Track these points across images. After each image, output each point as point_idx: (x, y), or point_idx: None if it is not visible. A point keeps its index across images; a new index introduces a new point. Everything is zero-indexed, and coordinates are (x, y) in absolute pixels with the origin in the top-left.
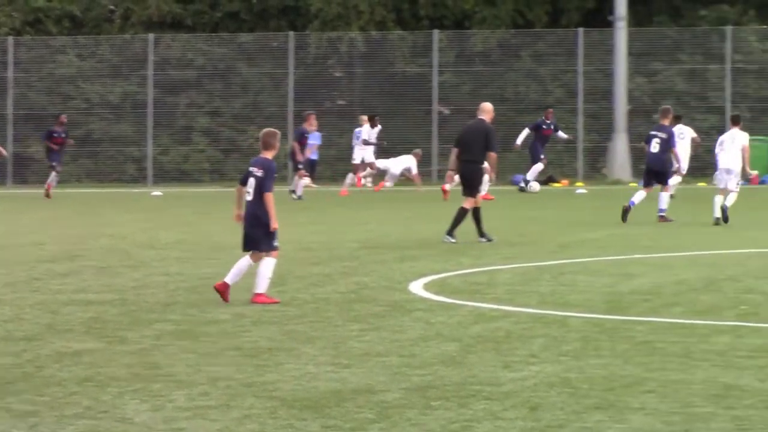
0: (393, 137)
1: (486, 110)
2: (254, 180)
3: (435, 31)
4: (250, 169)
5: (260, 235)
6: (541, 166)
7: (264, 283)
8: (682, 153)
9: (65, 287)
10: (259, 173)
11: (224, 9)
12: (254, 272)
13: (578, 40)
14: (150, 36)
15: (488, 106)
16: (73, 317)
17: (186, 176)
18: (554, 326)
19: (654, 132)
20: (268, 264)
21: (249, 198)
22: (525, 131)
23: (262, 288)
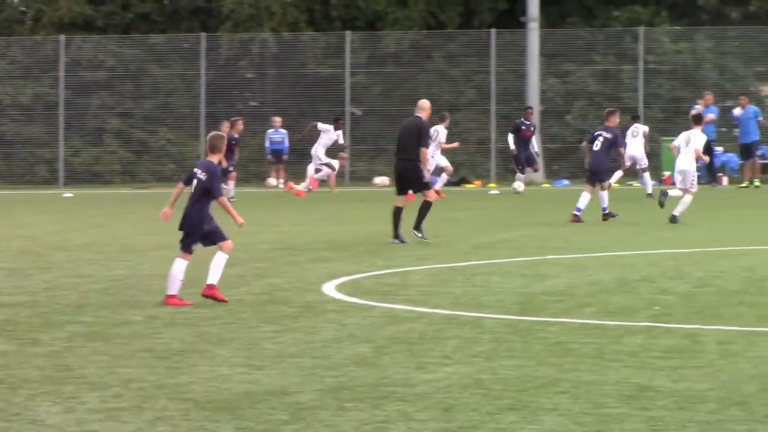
0: (306, 138)
1: (422, 107)
2: (197, 181)
3: (347, 32)
4: (195, 171)
5: (207, 232)
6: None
7: (218, 275)
8: (638, 150)
9: None
10: (203, 176)
11: (136, 10)
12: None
13: (491, 41)
14: (61, 37)
15: (425, 104)
16: None
17: (97, 178)
18: (467, 327)
19: (599, 132)
20: (222, 257)
21: (190, 199)
22: (510, 136)
23: (215, 279)
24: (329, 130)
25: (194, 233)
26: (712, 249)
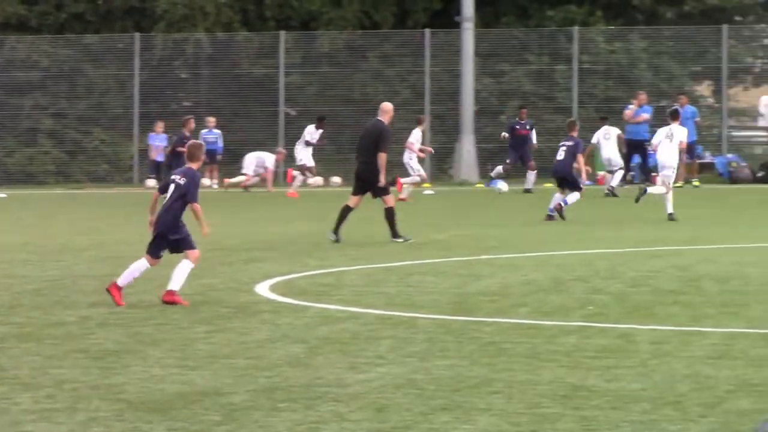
0: (239, 139)
1: (384, 110)
2: (174, 186)
3: (281, 33)
4: (172, 177)
5: (176, 239)
6: (501, 169)
7: (180, 282)
8: (612, 152)
9: None
10: (182, 181)
11: (69, 10)
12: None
13: (425, 41)
14: None
15: (387, 106)
16: None
17: (31, 178)
18: (401, 327)
19: (562, 142)
20: (187, 265)
21: (164, 203)
22: (505, 134)
23: (177, 286)
24: (311, 132)
25: (166, 235)
26: (647, 249)
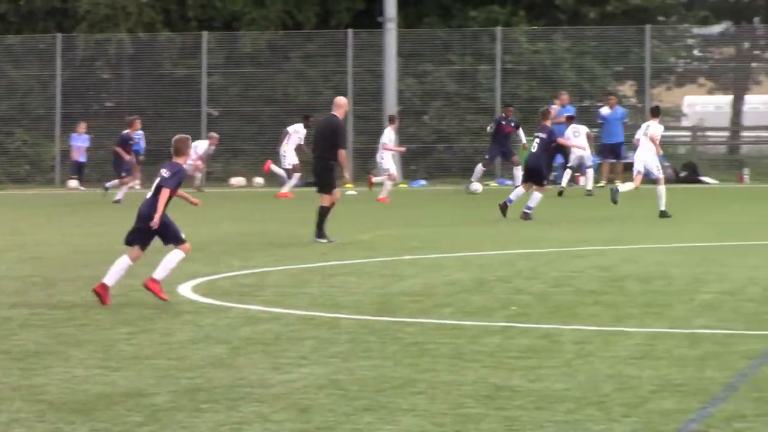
0: (162, 139)
1: (338, 105)
2: (159, 180)
3: (204, 33)
4: (161, 172)
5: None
6: (482, 169)
7: (164, 273)
8: (584, 150)
9: None
10: (166, 173)
11: None
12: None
13: (348, 42)
14: None
15: (341, 101)
16: None
17: None
18: (324, 328)
19: (536, 133)
20: (177, 255)
21: (148, 196)
22: (492, 126)
23: (161, 276)
24: (298, 131)
25: (148, 228)
26: (569, 249)
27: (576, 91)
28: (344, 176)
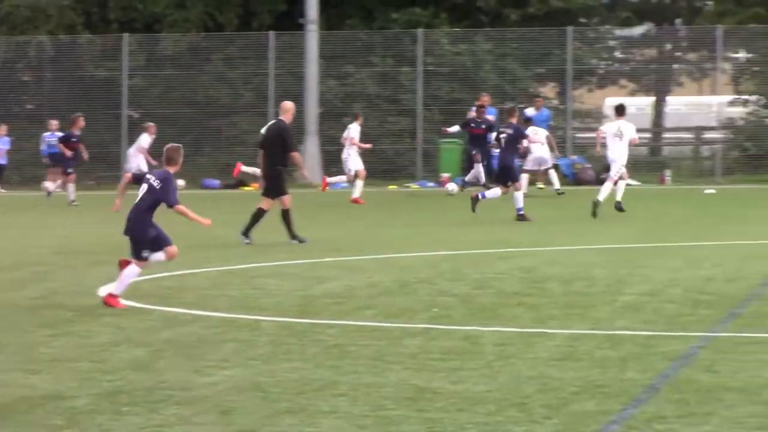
0: (82, 141)
1: (285, 109)
2: (148, 187)
3: (125, 35)
4: (148, 176)
5: (150, 239)
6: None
7: (123, 287)
8: (543, 151)
9: None
10: (156, 183)
11: None
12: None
13: (269, 43)
14: None
15: (287, 105)
16: None
17: None
18: (245, 330)
19: (502, 129)
20: (134, 270)
21: (136, 202)
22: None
23: (119, 290)
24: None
25: (142, 239)
26: (492, 250)
27: (497, 93)
28: (303, 175)
